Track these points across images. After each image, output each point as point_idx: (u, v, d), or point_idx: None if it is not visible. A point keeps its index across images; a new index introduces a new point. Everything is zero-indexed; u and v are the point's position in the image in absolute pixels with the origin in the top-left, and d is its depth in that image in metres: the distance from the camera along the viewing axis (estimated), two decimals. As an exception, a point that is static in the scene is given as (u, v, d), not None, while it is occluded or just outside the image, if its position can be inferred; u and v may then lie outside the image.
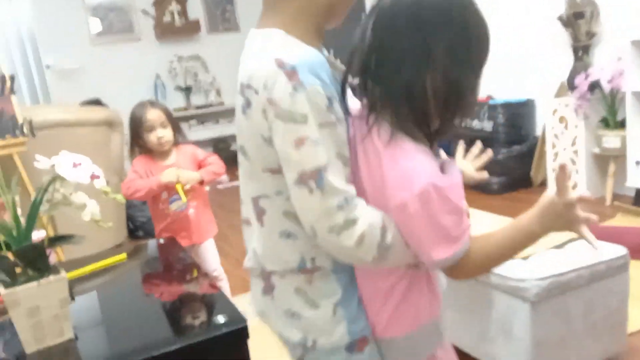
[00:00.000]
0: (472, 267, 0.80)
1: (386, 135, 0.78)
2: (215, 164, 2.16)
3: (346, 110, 0.84)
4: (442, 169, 0.79)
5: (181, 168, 2.05)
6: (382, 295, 0.87)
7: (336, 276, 0.86)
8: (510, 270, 1.52)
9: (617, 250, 1.61)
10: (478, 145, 1.17)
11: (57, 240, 1.17)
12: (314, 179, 0.76)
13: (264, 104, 0.78)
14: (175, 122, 2.12)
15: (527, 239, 0.81)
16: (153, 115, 2.03)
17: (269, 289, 0.92)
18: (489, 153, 1.16)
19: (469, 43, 0.77)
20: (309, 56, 0.79)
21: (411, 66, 0.76)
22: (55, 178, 1.10)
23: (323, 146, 0.76)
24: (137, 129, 2.05)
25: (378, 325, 0.88)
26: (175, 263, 1.60)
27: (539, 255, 1.60)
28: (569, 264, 1.53)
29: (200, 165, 2.15)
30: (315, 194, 0.76)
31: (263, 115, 0.79)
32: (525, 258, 1.58)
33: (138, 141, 2.08)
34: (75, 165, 1.10)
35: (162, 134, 2.04)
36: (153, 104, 2.09)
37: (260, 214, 0.89)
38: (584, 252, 1.60)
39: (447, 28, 0.75)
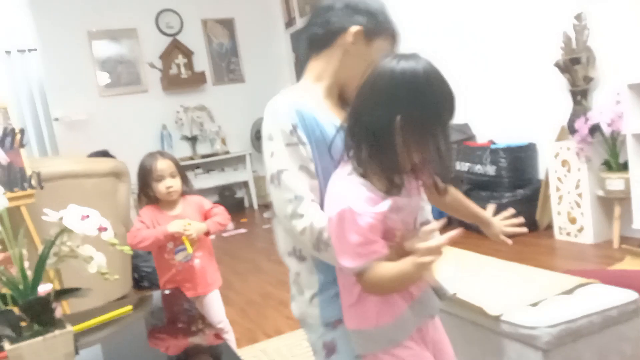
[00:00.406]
0: (373, 282, 0.98)
1: (346, 171, 1.03)
2: (221, 214, 2.18)
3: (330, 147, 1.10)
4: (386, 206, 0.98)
5: (187, 218, 2.06)
6: (346, 293, 1.09)
7: (317, 274, 1.15)
8: (520, 317, 1.50)
9: (628, 295, 1.58)
10: (510, 211, 1.31)
11: (63, 293, 1.17)
12: (277, 178, 1.08)
13: None
14: (183, 172, 2.15)
15: (407, 276, 0.98)
16: (163, 165, 2.06)
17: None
18: (519, 220, 1.32)
19: (423, 110, 0.97)
20: (290, 100, 1.11)
21: (375, 130, 0.98)
22: (63, 231, 1.11)
23: (284, 158, 1.07)
24: (146, 178, 2.07)
25: (344, 316, 1.11)
26: (181, 314, 1.58)
27: (548, 302, 1.58)
28: (580, 310, 1.50)
29: (206, 216, 2.16)
30: (276, 189, 1.08)
31: None
32: (534, 305, 1.56)
33: (146, 191, 2.10)
34: (83, 218, 1.11)
35: (171, 184, 2.07)
36: (163, 154, 2.13)
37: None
38: (594, 297, 1.57)
39: (403, 100, 0.96)
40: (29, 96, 6.23)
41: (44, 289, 1.26)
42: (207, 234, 2.11)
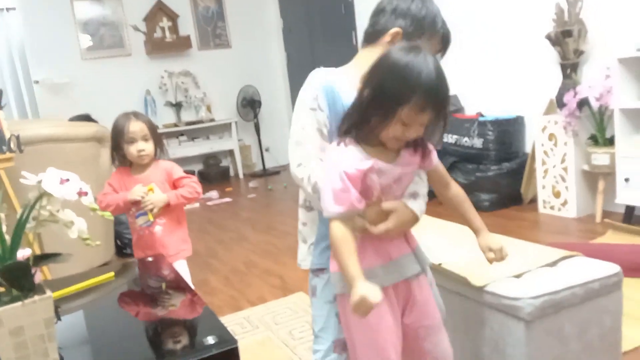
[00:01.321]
0: (332, 236, 1.14)
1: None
2: (189, 186, 2.09)
3: None
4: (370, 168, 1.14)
5: (152, 183, 2.04)
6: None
7: (319, 225, 1.37)
8: (503, 288, 1.51)
9: (610, 268, 1.60)
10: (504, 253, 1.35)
11: (43, 258, 1.14)
12: (294, 134, 1.30)
13: None
14: (157, 137, 2.08)
15: (344, 271, 1.13)
16: (135, 127, 2.01)
17: None
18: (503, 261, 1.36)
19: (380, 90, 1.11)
20: (319, 74, 1.34)
21: (354, 104, 1.17)
22: (42, 194, 1.07)
23: (305, 119, 1.29)
24: (118, 139, 2.03)
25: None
26: (163, 282, 1.57)
27: (532, 274, 1.59)
28: (563, 282, 1.52)
29: (174, 184, 2.11)
30: (292, 144, 1.31)
31: None
32: (518, 276, 1.57)
33: (118, 152, 2.06)
34: (62, 182, 1.07)
35: (143, 147, 2.02)
36: (137, 115, 2.06)
37: None
38: (577, 270, 1.59)
39: (376, 77, 1.12)
40: (9, 57, 6.03)
41: (23, 254, 1.23)
42: (168, 205, 2.05)
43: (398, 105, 1.07)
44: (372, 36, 1.37)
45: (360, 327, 1.22)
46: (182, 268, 2.14)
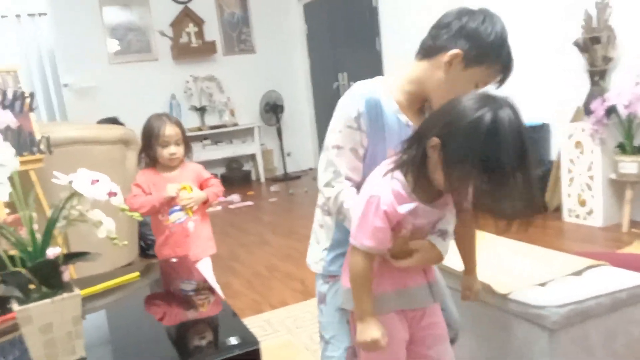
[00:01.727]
0: (352, 267, 1.16)
1: (389, 165, 1.15)
2: (217, 186, 2.19)
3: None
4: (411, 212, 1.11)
5: (185, 182, 2.09)
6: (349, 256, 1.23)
7: (335, 231, 1.36)
8: (528, 297, 1.49)
9: (638, 278, 1.57)
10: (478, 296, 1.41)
11: (72, 257, 1.17)
12: (328, 150, 1.27)
13: None
14: (187, 141, 2.15)
15: (356, 304, 1.18)
16: (171, 131, 2.05)
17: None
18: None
19: (461, 147, 1.03)
20: (367, 88, 1.27)
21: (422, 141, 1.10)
22: (73, 194, 1.10)
23: (341, 137, 1.24)
24: (151, 140, 2.07)
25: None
26: (188, 283, 1.59)
27: (557, 282, 1.56)
28: (589, 291, 1.49)
29: (202, 185, 2.17)
30: (323, 159, 1.28)
31: None
32: (543, 285, 1.55)
33: (148, 152, 2.10)
34: (93, 182, 1.10)
35: (175, 151, 2.07)
36: (170, 119, 2.11)
37: None
38: (604, 279, 1.56)
39: (451, 128, 1.04)
40: (39, 61, 6.19)
41: (52, 252, 1.26)
42: (206, 202, 2.13)
43: (475, 167, 1.00)
44: (430, 51, 1.25)
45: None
46: (208, 265, 2.20)
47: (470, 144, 1.01)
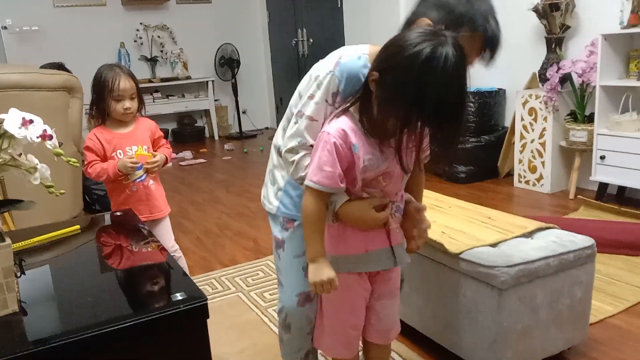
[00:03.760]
0: (305, 207, 1.17)
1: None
2: (168, 146, 2.14)
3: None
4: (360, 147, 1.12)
5: (137, 140, 2.02)
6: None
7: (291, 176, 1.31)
8: (479, 256, 1.50)
9: (585, 240, 1.61)
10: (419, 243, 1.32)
11: (3, 204, 1.07)
12: (301, 117, 1.22)
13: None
14: (141, 95, 2.06)
15: (307, 244, 1.19)
16: (125, 84, 1.94)
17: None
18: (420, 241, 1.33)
19: (399, 82, 1.02)
20: (350, 65, 1.19)
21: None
22: (3, 136, 1.00)
23: (317, 109, 1.20)
24: (103, 94, 1.95)
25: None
26: (133, 236, 1.51)
27: (507, 243, 1.58)
28: (538, 252, 1.52)
29: (154, 142, 2.10)
30: (295, 124, 1.23)
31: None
32: (493, 245, 1.57)
33: (99, 105, 1.97)
34: (25, 123, 1.00)
35: (130, 105, 1.98)
36: (125, 71, 1.98)
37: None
38: (553, 241, 1.59)
39: (390, 62, 1.04)
40: (-26, 0, 5.72)
41: (-19, 199, 1.16)
42: (165, 163, 2.08)
43: (410, 107, 0.99)
44: (407, 21, 1.26)
45: (340, 296, 1.25)
46: (168, 223, 2.16)
47: (403, 78, 0.99)
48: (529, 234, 1.66)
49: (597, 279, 2.00)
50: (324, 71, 1.20)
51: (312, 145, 1.21)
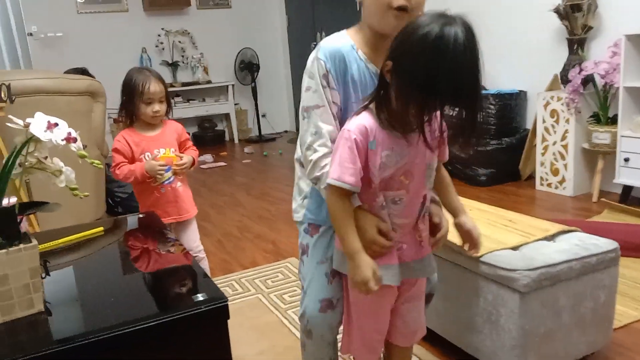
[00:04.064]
0: (330, 204, 1.16)
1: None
2: (194, 150, 2.16)
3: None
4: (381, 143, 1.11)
5: (165, 143, 2.04)
6: None
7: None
8: (500, 259, 1.48)
9: (608, 244, 1.58)
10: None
11: (29, 206, 1.10)
12: (306, 112, 1.25)
13: None
14: (169, 98, 2.09)
15: (344, 243, 1.16)
16: (156, 88, 1.97)
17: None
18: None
19: (414, 68, 1.01)
20: (331, 44, 1.24)
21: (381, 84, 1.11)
22: (30, 139, 1.02)
23: (318, 97, 1.23)
24: (133, 97, 1.98)
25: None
26: (156, 238, 1.53)
27: (529, 246, 1.57)
28: (560, 256, 1.50)
29: (180, 145, 2.13)
30: (304, 120, 1.25)
31: None
32: (515, 248, 1.55)
33: (128, 108, 2.01)
34: (50, 127, 1.02)
35: (159, 109, 2.00)
36: (153, 74, 2.02)
37: None
38: (575, 244, 1.57)
39: (405, 48, 1.03)
40: (2, 9, 5.87)
41: (8, 201, 1.19)
42: (192, 165, 2.11)
43: (426, 91, 0.99)
44: None
45: (365, 301, 1.24)
46: (195, 224, 2.19)
47: (416, 61, 0.99)
48: (551, 237, 1.64)
49: (622, 283, 1.97)
50: (309, 61, 1.25)
51: (331, 141, 1.20)
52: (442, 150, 1.21)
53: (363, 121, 1.11)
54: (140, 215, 1.73)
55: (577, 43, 3.30)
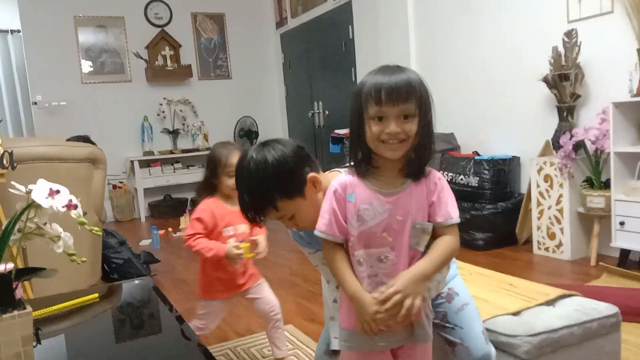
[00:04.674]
0: (326, 258, 1.21)
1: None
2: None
3: None
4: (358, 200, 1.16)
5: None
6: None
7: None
8: (500, 325, 1.47)
9: (608, 309, 1.57)
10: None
11: (26, 272, 1.10)
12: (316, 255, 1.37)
13: None
14: None
15: (346, 292, 1.18)
16: None
17: None
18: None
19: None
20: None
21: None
22: (30, 205, 1.04)
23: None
24: (217, 169, 2.02)
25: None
26: (150, 306, 1.52)
27: (530, 311, 1.55)
28: (561, 321, 1.48)
29: None
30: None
31: None
32: (515, 313, 1.53)
33: (211, 180, 2.05)
34: (52, 194, 1.04)
35: None
36: (238, 148, 2.07)
37: None
38: (576, 309, 1.55)
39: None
40: (9, 78, 6.06)
41: (5, 267, 1.19)
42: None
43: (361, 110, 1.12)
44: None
45: None
46: (267, 285, 2.24)
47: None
48: (551, 302, 1.62)
49: (625, 349, 1.92)
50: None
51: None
52: (434, 212, 1.18)
53: (345, 177, 1.19)
54: (136, 282, 1.72)
55: (566, 110, 3.40)
